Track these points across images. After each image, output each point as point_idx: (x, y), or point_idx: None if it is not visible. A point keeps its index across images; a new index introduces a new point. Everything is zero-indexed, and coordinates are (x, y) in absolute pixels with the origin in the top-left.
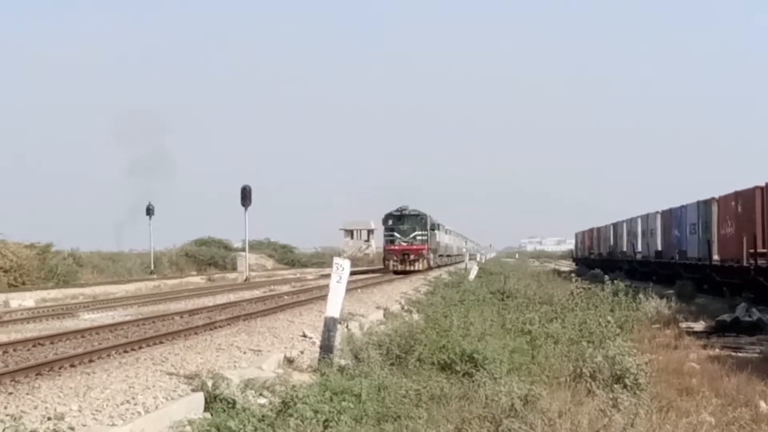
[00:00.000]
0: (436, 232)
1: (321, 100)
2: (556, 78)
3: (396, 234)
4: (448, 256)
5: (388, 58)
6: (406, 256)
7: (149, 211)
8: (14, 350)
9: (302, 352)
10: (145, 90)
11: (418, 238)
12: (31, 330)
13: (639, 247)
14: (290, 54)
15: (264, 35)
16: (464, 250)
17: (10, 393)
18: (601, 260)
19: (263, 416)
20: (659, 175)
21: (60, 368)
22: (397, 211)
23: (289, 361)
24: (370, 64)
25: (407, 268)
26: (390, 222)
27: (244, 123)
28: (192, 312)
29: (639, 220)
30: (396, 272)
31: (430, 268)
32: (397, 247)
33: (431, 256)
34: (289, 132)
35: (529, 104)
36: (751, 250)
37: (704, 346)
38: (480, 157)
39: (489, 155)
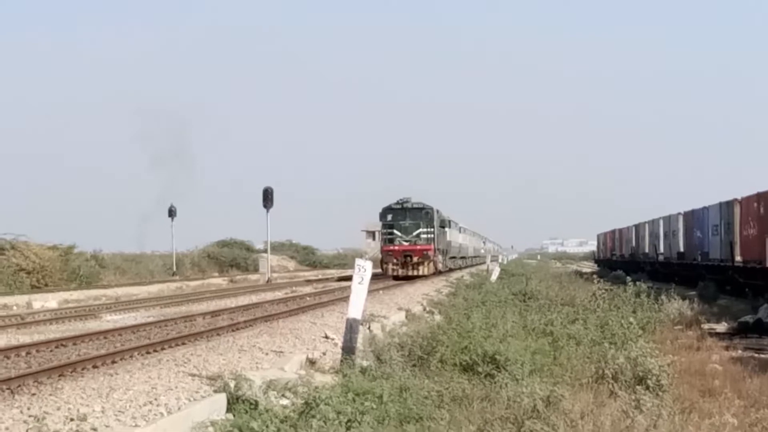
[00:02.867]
0: (446, 230)
1: (345, 101)
2: (579, 77)
3: (396, 232)
4: (462, 258)
5: (409, 55)
6: (408, 259)
7: (171, 213)
8: (37, 351)
9: (324, 354)
10: (168, 89)
11: (423, 236)
12: (54, 331)
13: (661, 249)
14: (311, 52)
15: (285, 34)
16: (482, 251)
17: (33, 394)
18: (623, 262)
19: (285, 417)
20: (681, 177)
21: (83, 369)
22: (397, 203)
23: (312, 363)
24: (394, 62)
25: (409, 273)
26: (389, 217)
27: (266, 124)
28: (214, 313)
29: (661, 222)
30: (396, 278)
31: (438, 273)
32: (397, 248)
33: (439, 258)
34: (310, 133)
35: (553, 104)
36: None
37: (727, 348)
38: (501, 158)
39: (510, 156)
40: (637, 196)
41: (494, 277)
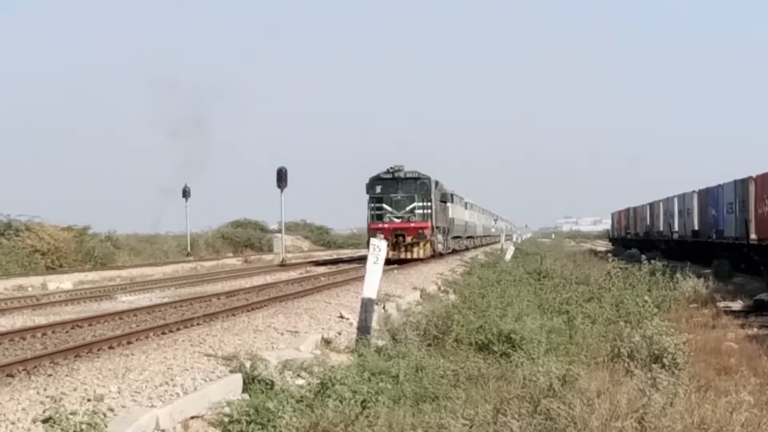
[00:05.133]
0: (448, 205)
1: (358, 80)
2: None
3: (386, 206)
4: (469, 237)
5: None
6: (401, 239)
7: (185, 193)
8: (53, 332)
9: (339, 333)
10: (186, 64)
11: (418, 211)
12: (70, 312)
13: (676, 227)
14: (323, 33)
15: (301, 20)
16: (493, 229)
17: (50, 375)
18: (638, 240)
19: (302, 397)
20: (696, 155)
21: (99, 350)
22: (387, 172)
23: (327, 342)
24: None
25: (402, 256)
26: (377, 189)
27: (280, 105)
28: (229, 294)
29: (675, 200)
30: (386, 262)
31: (438, 255)
32: (386, 226)
33: (439, 237)
34: (325, 113)
35: (566, 81)
36: None
37: (742, 326)
38: (516, 134)
39: (526, 133)
40: (652, 174)
41: (509, 256)
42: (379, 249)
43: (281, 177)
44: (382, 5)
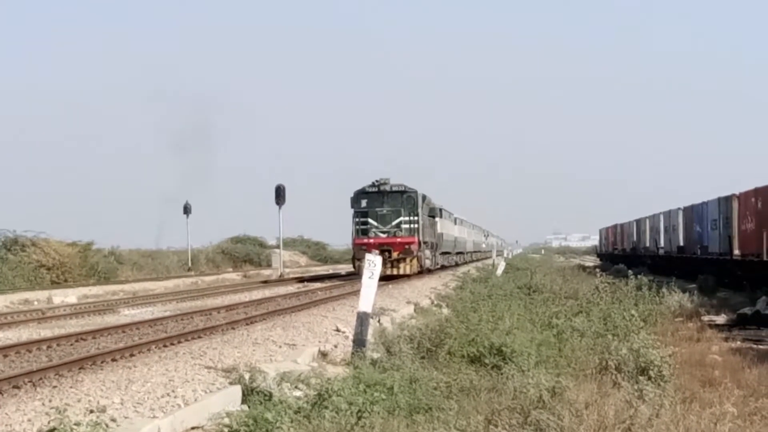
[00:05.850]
0: (437, 219)
1: (353, 96)
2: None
3: (371, 221)
4: (459, 253)
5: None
6: (386, 255)
7: (186, 210)
8: (58, 345)
9: (336, 346)
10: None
11: (404, 226)
12: (74, 325)
13: (662, 243)
14: (319, 49)
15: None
16: (484, 245)
17: (54, 386)
18: (625, 256)
19: (299, 408)
20: (682, 172)
21: (102, 362)
22: (372, 186)
23: (323, 355)
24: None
25: (388, 272)
26: (363, 202)
27: (278, 122)
28: (229, 307)
29: (661, 217)
30: None
31: (425, 271)
32: (372, 240)
33: (427, 253)
34: (321, 131)
35: (557, 95)
36: None
37: (726, 339)
38: (507, 150)
39: (516, 149)
40: (641, 189)
41: (500, 271)
42: (374, 264)
43: (279, 194)
44: (381, 19)
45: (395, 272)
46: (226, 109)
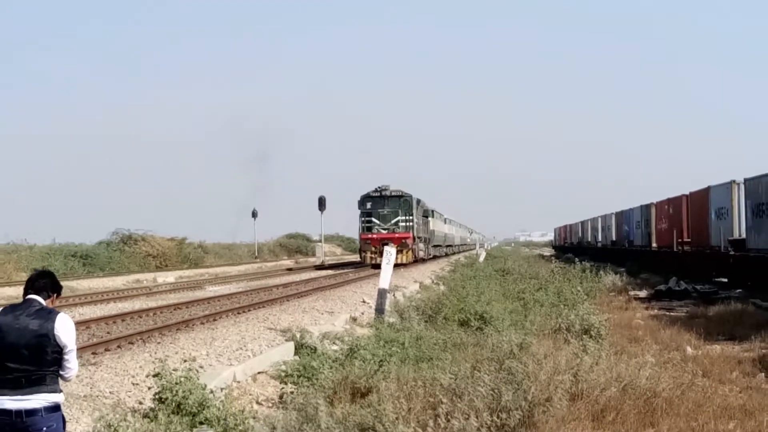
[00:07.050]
0: (429, 219)
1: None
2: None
3: (374, 220)
4: (448, 246)
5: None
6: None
7: (254, 214)
8: (161, 312)
9: (363, 313)
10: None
11: (401, 224)
12: (173, 298)
13: (600, 238)
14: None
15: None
16: (469, 240)
17: (158, 343)
18: (573, 248)
19: (336, 358)
20: (613, 181)
21: (193, 325)
22: (375, 191)
23: (354, 320)
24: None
25: None
26: (367, 205)
27: (318, 145)
28: (284, 285)
29: (600, 219)
30: (375, 266)
31: (419, 261)
32: (375, 236)
33: (420, 246)
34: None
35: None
36: (679, 240)
37: (647, 308)
38: (490, 163)
39: (497, 163)
40: (584, 197)
41: (482, 259)
42: (390, 254)
43: (321, 203)
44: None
45: (395, 262)
46: (282, 138)
